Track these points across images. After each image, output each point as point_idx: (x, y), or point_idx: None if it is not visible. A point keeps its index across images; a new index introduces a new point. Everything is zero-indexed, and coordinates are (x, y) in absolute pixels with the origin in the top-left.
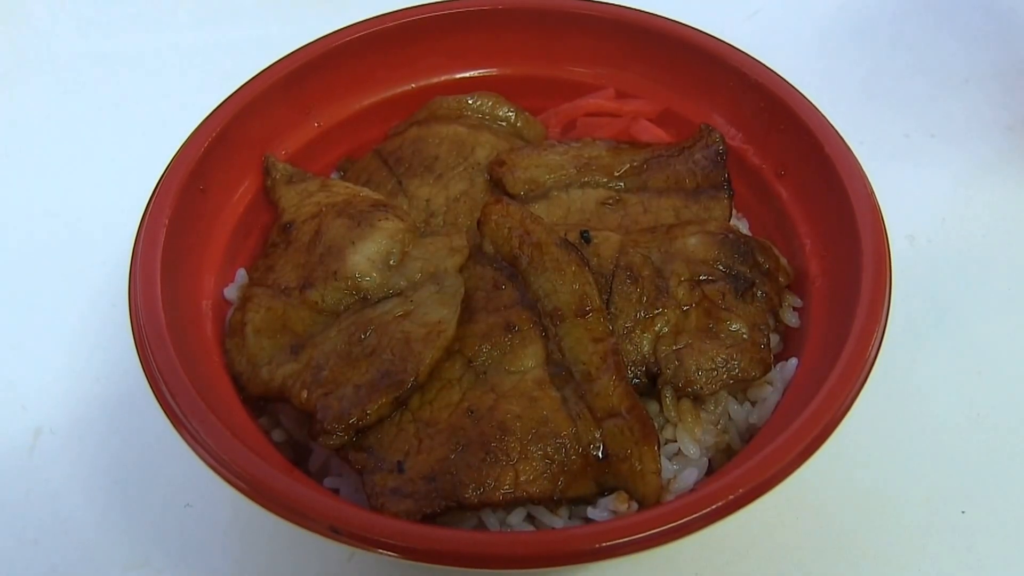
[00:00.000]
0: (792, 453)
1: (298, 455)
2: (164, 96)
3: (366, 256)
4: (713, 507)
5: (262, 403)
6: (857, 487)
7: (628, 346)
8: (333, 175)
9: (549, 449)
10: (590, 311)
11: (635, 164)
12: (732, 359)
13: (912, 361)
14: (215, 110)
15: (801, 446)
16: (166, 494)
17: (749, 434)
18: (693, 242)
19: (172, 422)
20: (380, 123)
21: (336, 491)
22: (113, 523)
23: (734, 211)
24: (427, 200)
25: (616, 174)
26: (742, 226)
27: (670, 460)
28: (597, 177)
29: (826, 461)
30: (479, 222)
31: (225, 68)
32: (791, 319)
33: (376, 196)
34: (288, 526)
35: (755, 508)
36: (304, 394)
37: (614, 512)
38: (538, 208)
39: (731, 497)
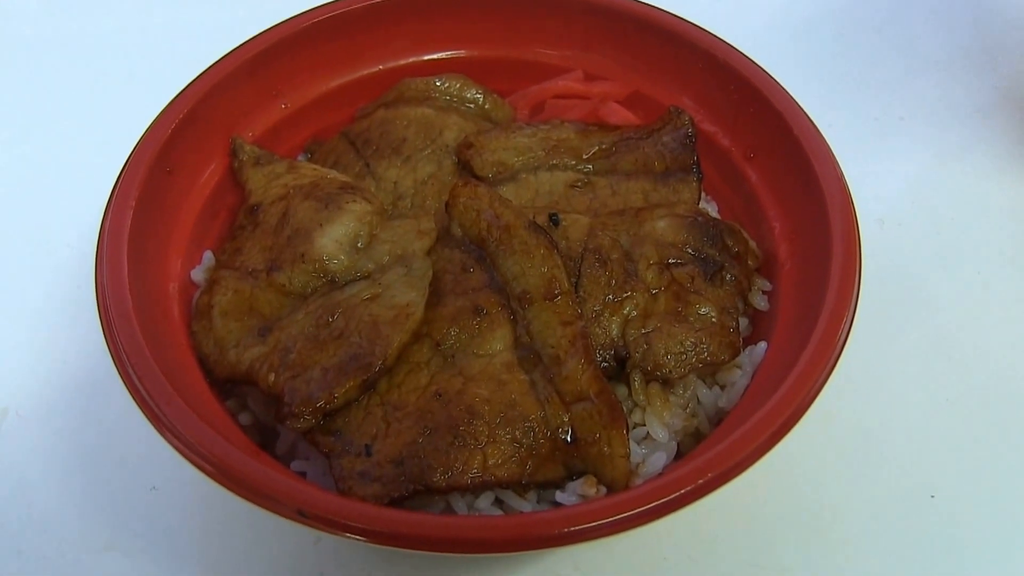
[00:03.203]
0: (761, 437)
1: (265, 438)
2: (130, 77)
3: (334, 238)
4: (682, 491)
5: (229, 386)
6: (826, 472)
7: (597, 329)
8: (300, 157)
9: (517, 433)
10: (559, 294)
11: (604, 146)
12: (701, 343)
13: (882, 345)
14: (182, 91)
15: (770, 430)
16: (132, 477)
17: (718, 418)
18: (662, 225)
19: (138, 404)
20: (347, 105)
21: (303, 474)
22: (79, 505)
23: (703, 194)
24: (395, 182)
25: (585, 156)
26: (711, 209)
27: (639, 444)
28: (566, 159)
29: (795, 446)
30: (447, 204)
31: (192, 49)
32: (760, 302)
33: (344, 178)
34: (255, 509)
35: (724, 492)
36: (271, 377)
37: (583, 496)
38: (506, 191)
39: (700, 481)
